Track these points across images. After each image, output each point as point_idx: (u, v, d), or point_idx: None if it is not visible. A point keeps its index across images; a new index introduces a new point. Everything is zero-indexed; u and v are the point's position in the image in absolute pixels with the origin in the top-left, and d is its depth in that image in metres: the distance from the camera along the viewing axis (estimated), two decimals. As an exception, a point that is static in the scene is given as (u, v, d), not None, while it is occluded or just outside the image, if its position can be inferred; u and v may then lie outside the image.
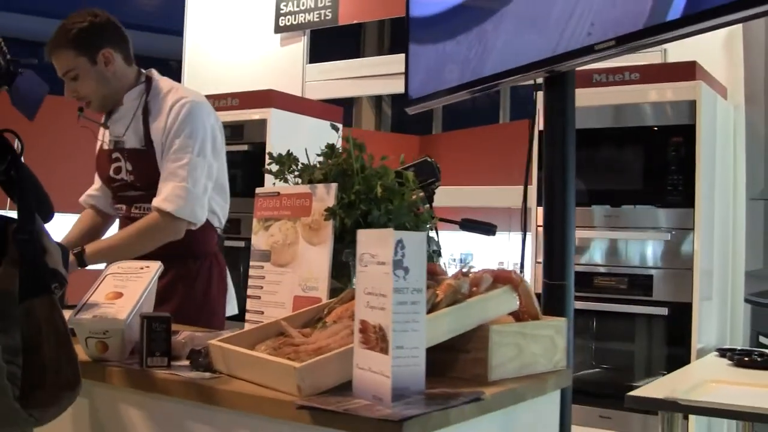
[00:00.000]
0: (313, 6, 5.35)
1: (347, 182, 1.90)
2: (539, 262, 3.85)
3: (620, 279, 3.89)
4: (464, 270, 1.72)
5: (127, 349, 1.76)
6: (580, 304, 3.79)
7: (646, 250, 3.86)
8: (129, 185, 2.85)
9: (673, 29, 1.54)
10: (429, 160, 2.32)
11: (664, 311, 3.77)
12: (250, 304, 2.02)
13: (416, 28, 2.42)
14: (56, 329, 1.40)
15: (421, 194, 2.24)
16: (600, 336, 4.08)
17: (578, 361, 3.96)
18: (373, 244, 1.41)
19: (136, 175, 2.82)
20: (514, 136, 5.08)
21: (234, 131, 4.93)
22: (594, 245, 3.94)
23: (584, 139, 3.83)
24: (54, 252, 1.49)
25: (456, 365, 1.66)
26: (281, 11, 5.53)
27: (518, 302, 1.70)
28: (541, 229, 3.79)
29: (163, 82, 2.90)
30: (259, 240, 2.04)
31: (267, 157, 2.11)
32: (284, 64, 5.55)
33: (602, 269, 3.92)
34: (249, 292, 2.03)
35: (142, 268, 1.95)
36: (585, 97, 3.79)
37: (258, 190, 2.07)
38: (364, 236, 1.45)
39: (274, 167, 2.03)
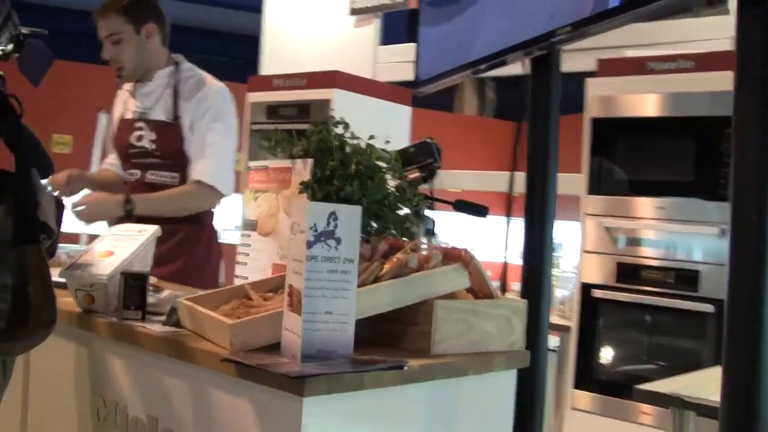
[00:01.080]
0: (385, -12, 5.43)
1: (326, 158, 1.97)
2: (587, 252, 3.90)
3: (667, 273, 3.81)
4: (414, 246, 1.78)
5: (111, 303, 1.89)
6: (626, 297, 3.78)
7: (694, 244, 3.77)
8: (148, 153, 3.10)
9: (614, 15, 1.58)
10: (429, 141, 2.38)
11: (710, 308, 3.69)
12: (237, 270, 2.14)
13: (425, 10, 2.48)
14: (41, 274, 1.54)
15: (417, 174, 2.31)
16: (650, 330, 4.01)
17: (628, 355, 3.93)
18: (299, 214, 1.50)
19: (159, 144, 3.08)
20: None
21: (301, 110, 5.04)
22: (641, 237, 3.87)
23: (633, 128, 3.84)
24: (46, 206, 1.64)
25: (405, 337, 1.73)
26: (355, -7, 5.62)
27: (468, 280, 1.75)
28: (588, 218, 3.86)
29: (190, 68, 3.19)
30: (249, 210, 2.14)
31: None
32: (357, 46, 5.63)
33: (649, 262, 3.84)
34: (237, 258, 2.15)
35: (139, 231, 2.09)
36: (637, 85, 3.76)
37: (250, 163, 2.18)
38: (295, 207, 1.54)
39: (265, 143, 2.12)
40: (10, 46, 1.65)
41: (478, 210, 2.39)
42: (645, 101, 3.78)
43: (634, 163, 3.78)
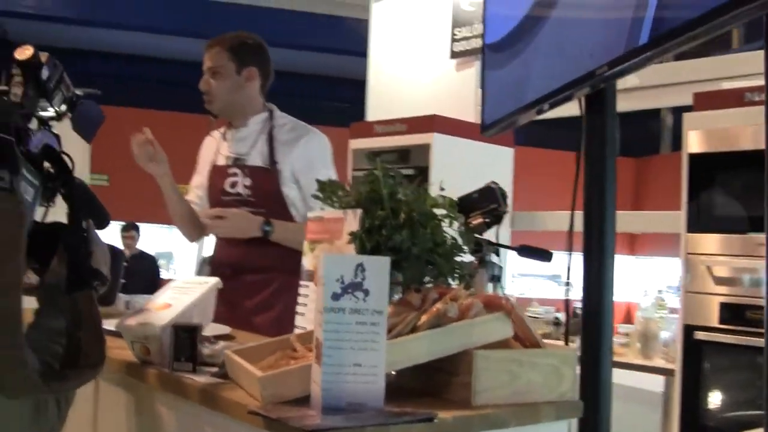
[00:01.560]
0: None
1: (376, 208, 1.98)
2: (689, 292, 3.76)
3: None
4: (455, 296, 1.75)
5: (166, 354, 1.94)
6: (730, 338, 3.61)
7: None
8: (242, 200, 3.08)
9: (644, 52, 1.57)
10: (493, 186, 2.36)
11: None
12: (297, 320, 2.16)
13: (489, 54, 2.48)
14: (92, 319, 1.61)
15: (480, 220, 2.28)
16: (759, 374, 3.80)
17: (736, 400, 3.74)
18: (319, 266, 1.50)
19: (254, 191, 3.06)
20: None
21: (401, 155, 5.10)
22: (744, 276, 3.70)
23: (733, 162, 3.69)
24: (99, 255, 1.71)
25: (449, 388, 1.70)
26: (455, 37, 5.65)
27: (511, 329, 1.71)
28: (690, 256, 3.73)
29: (284, 116, 3.21)
30: (307, 260, 2.17)
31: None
32: (459, 89, 5.66)
33: (754, 302, 3.64)
34: (297, 309, 2.17)
35: (200, 284, 2.14)
36: (736, 117, 3.62)
37: (309, 214, 2.20)
38: (321, 259, 1.54)
39: (320, 194, 2.14)
40: (64, 107, 1.74)
41: (543, 255, 2.35)
42: (744, 134, 3.63)
43: (735, 199, 3.64)
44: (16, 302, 1.40)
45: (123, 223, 9.24)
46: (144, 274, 8.67)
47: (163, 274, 9.67)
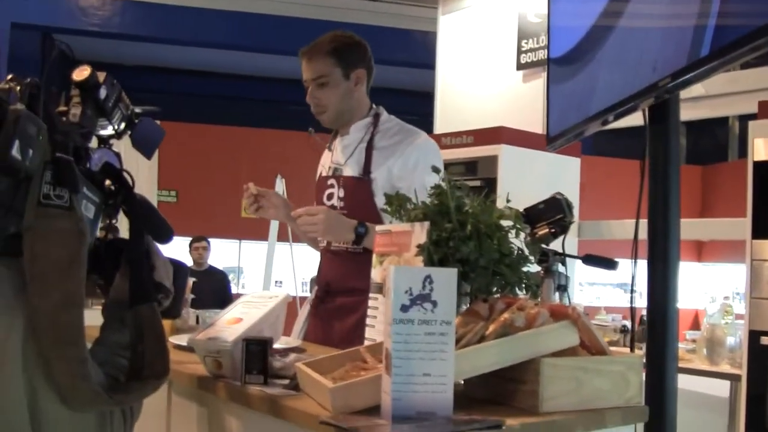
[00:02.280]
0: (551, 42, 5.46)
1: (443, 220, 2.02)
2: (755, 298, 3.72)
3: None
4: (522, 305, 1.78)
5: (238, 368, 1.99)
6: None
7: None
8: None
9: (706, 63, 1.58)
10: (558, 197, 2.38)
11: None
12: (367, 333, 2.20)
13: (553, 68, 2.50)
14: (155, 331, 1.65)
15: (546, 231, 2.31)
16: None
17: None
18: (388, 278, 1.55)
19: (346, 203, 2.90)
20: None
21: (468, 167, 5.14)
22: None
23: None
24: (161, 268, 1.76)
25: (517, 396, 1.73)
26: (522, 48, 5.66)
27: (577, 337, 1.73)
28: (755, 263, 3.69)
29: (390, 119, 3.01)
30: (376, 273, 2.21)
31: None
32: (527, 100, 5.67)
33: None
34: (367, 321, 2.21)
35: (270, 298, 2.20)
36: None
37: (377, 227, 2.24)
38: (389, 272, 1.58)
39: (389, 207, 2.19)
40: (122, 125, 1.80)
41: (607, 263, 2.36)
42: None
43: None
44: (78, 318, 1.45)
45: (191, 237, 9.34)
46: (215, 290, 8.72)
47: (233, 289, 9.73)
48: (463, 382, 1.81)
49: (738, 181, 5.53)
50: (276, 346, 2.19)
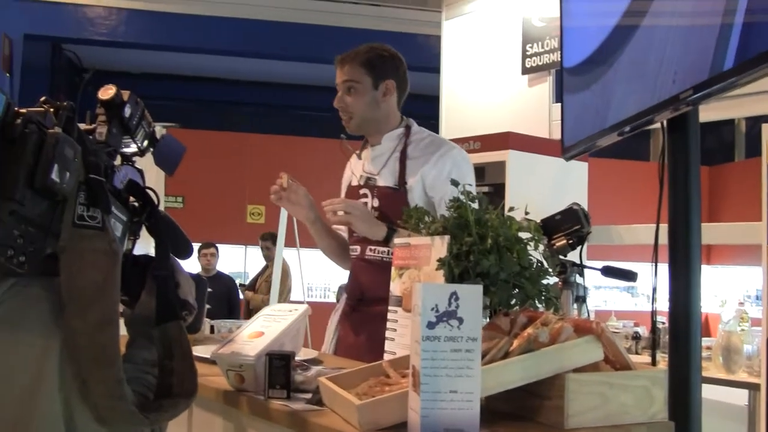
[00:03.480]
0: (557, 46, 5.44)
1: (463, 234, 2.01)
2: None
3: None
4: (545, 320, 1.78)
5: (260, 382, 2.00)
6: None
7: None
8: None
9: (729, 77, 1.57)
10: (575, 207, 2.38)
11: None
12: (387, 346, 2.19)
13: (567, 78, 2.50)
14: (183, 348, 1.65)
15: (563, 242, 2.30)
16: None
17: None
18: (414, 295, 1.54)
19: (381, 213, 2.89)
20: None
21: (476, 173, 5.10)
22: None
23: None
24: (185, 285, 1.76)
25: (541, 412, 1.72)
26: (527, 53, 5.66)
27: (601, 352, 1.73)
28: (771, 268, 3.67)
29: (422, 130, 3.06)
30: (395, 286, 2.21)
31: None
32: (532, 104, 5.67)
33: None
34: (386, 334, 2.21)
35: (290, 311, 2.20)
36: None
37: (396, 240, 2.24)
38: (415, 289, 1.58)
39: (407, 222, 2.18)
40: (145, 143, 1.81)
41: (627, 275, 2.36)
42: None
43: None
44: (113, 338, 1.45)
45: (200, 243, 9.35)
46: (223, 296, 8.74)
47: (240, 295, 9.73)
48: (485, 397, 1.80)
49: (745, 181, 5.52)
50: (296, 358, 2.19)
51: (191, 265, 9.34)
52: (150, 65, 12.82)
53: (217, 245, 9.48)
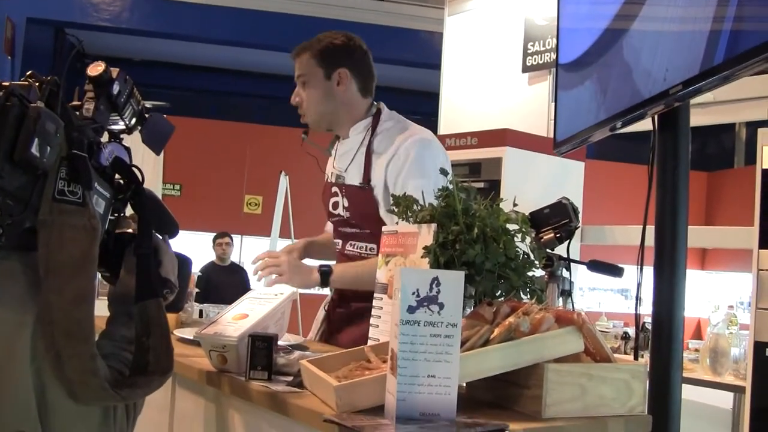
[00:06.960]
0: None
1: (450, 223, 2.02)
2: (761, 308, 3.71)
3: None
4: (527, 310, 1.78)
5: (243, 363, 2.00)
6: None
7: None
8: (345, 221, 2.86)
9: (719, 72, 1.57)
10: (564, 201, 2.38)
11: None
12: (371, 332, 2.20)
13: (562, 73, 2.51)
14: (161, 326, 1.65)
15: (551, 235, 2.31)
16: None
17: None
18: (395, 279, 1.55)
19: (352, 212, 2.81)
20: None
21: (472, 168, 5.14)
22: None
23: None
24: (167, 264, 1.76)
25: (520, 401, 1.73)
26: (528, 51, 5.67)
27: (581, 343, 1.73)
28: (762, 273, 3.68)
29: (390, 117, 2.87)
30: (381, 274, 2.21)
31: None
32: (531, 103, 5.67)
33: None
34: (371, 320, 2.21)
35: (276, 294, 2.20)
36: None
37: (383, 228, 2.24)
38: (396, 273, 1.59)
39: (395, 208, 2.18)
40: (134, 121, 1.81)
41: (613, 270, 2.36)
42: None
43: None
44: (88, 314, 1.46)
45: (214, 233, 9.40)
46: (236, 285, 8.70)
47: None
48: (465, 384, 1.81)
49: (744, 187, 5.53)
50: (280, 343, 2.19)
51: (207, 253, 9.36)
52: (151, 53, 12.80)
53: (231, 235, 9.48)
